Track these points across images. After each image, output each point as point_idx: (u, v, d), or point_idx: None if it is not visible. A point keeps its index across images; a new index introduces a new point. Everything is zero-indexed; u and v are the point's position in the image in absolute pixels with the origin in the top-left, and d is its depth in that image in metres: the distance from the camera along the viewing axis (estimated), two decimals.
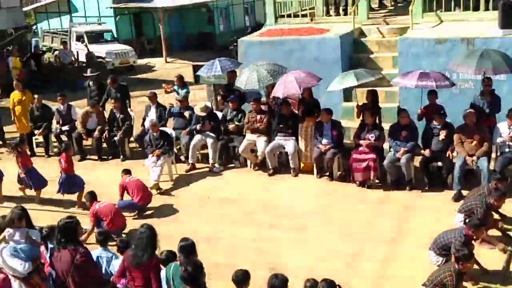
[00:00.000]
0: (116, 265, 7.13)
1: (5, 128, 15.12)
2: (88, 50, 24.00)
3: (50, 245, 6.92)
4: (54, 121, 14.04)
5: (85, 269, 6.34)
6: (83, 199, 10.03)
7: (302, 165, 11.83)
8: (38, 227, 7.14)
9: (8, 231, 6.41)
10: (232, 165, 12.50)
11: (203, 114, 12.36)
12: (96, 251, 7.35)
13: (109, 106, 14.32)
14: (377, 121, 11.44)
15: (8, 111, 14.71)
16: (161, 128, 12.28)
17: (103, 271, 7.19)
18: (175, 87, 14.35)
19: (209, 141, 12.31)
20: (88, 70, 16.03)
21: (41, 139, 13.98)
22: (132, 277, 6.34)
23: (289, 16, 15.68)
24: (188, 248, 6.21)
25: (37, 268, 6.59)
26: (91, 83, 15.14)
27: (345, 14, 15.42)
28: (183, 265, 5.66)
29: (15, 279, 6.36)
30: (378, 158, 10.73)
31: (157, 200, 10.80)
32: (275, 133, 11.94)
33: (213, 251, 8.57)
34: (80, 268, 6.28)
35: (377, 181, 10.93)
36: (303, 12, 16.02)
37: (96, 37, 26.28)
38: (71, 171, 10.89)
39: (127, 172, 10.52)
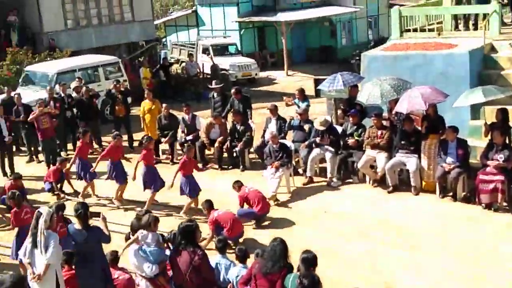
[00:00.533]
0: (234, 272, 7.31)
1: (135, 136, 15.99)
2: (213, 62, 24.86)
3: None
4: (179, 130, 14.65)
5: (202, 271, 6.56)
6: (200, 206, 10.24)
7: (423, 183, 11.49)
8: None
9: (142, 232, 6.76)
10: (350, 180, 12.39)
11: (323, 128, 12.38)
12: (215, 258, 7.57)
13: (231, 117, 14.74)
14: (507, 141, 10.86)
15: (138, 119, 15.57)
16: (281, 141, 12.45)
17: (221, 278, 7.39)
18: (296, 100, 14.51)
19: (328, 155, 12.30)
20: (213, 82, 16.61)
21: (166, 146, 14.64)
22: (257, 285, 6.45)
23: (415, 30, 15.36)
24: (310, 260, 6.22)
25: (163, 270, 6.93)
26: (215, 94, 15.68)
27: (475, 29, 14.85)
28: (300, 277, 5.70)
29: (142, 278, 6.71)
30: (507, 180, 10.18)
31: (274, 211, 10.94)
32: (396, 150, 11.70)
33: (327, 266, 8.52)
34: (197, 269, 6.51)
35: (505, 204, 10.36)
36: (430, 27, 15.61)
37: (221, 50, 27.16)
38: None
39: (239, 184, 10.73)
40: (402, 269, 8.62)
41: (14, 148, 14.54)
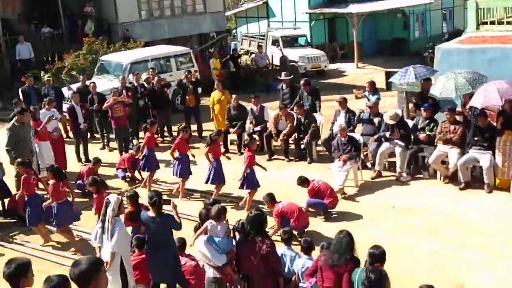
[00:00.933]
0: (299, 264, 7.33)
1: (204, 126, 16.19)
2: (282, 54, 24.83)
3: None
4: (248, 121, 14.74)
5: (270, 260, 6.58)
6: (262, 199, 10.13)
7: (497, 181, 11.11)
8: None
9: (211, 222, 6.85)
10: (421, 175, 12.13)
11: (393, 122, 12.16)
12: (280, 249, 7.59)
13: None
14: None
15: (208, 109, 15.76)
16: (349, 134, 12.33)
17: (286, 269, 7.42)
18: (366, 93, 14.31)
19: (398, 150, 12.08)
20: (283, 74, 16.60)
21: (235, 137, 14.77)
22: (322, 277, 6.44)
23: (492, 23, 14.81)
24: (378, 256, 6.13)
25: (230, 260, 7.01)
26: (284, 86, 15.66)
27: None
28: (367, 272, 5.63)
29: (209, 267, 6.81)
30: None
31: (341, 205, 10.85)
32: (469, 146, 11.35)
33: (394, 263, 8.37)
34: (265, 259, 6.54)
35: None
36: (509, 19, 15.01)
37: (291, 42, 27.08)
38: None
39: (306, 180, 10.58)
40: (473, 268, 8.39)
41: (88, 135, 15.00)
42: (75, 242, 9.78)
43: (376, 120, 12.93)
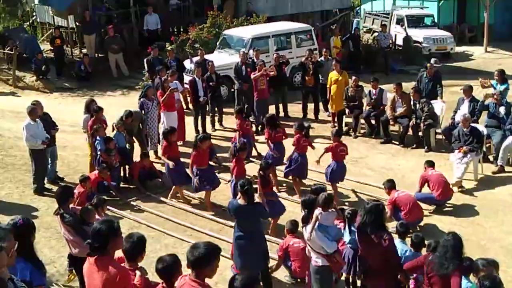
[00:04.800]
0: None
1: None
2: (406, 33, 23.97)
3: (352, 228, 7.20)
4: (364, 103, 14.42)
5: (389, 254, 6.38)
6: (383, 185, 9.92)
7: None
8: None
9: (320, 211, 6.78)
10: None
11: None
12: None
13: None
14: None
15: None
16: (472, 124, 11.70)
17: None
18: (494, 82, 13.45)
19: None
20: (432, 60, 15.38)
21: (350, 119, 14.53)
22: (430, 283, 6.20)
23: None
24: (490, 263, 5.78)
25: (338, 249, 6.93)
26: (426, 74, 14.60)
27: None
28: (480, 278, 5.33)
29: (317, 255, 6.75)
30: None
31: (457, 199, 10.41)
32: None
33: (510, 265, 7.94)
34: (384, 252, 6.34)
35: None
36: None
37: (416, 21, 26.01)
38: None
39: (430, 164, 10.29)
40: None
41: (207, 108, 15.25)
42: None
43: (501, 109, 12.17)
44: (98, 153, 10.99)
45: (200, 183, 10.10)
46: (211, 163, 11.22)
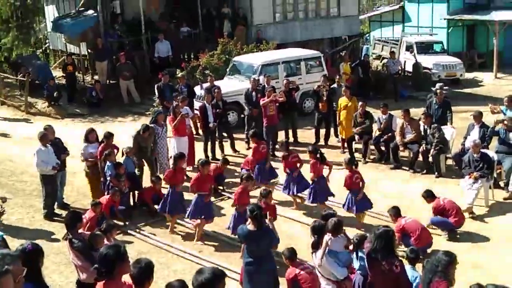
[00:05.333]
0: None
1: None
2: (416, 60, 24.04)
3: (360, 254, 7.13)
4: (375, 129, 14.40)
5: (400, 281, 6.28)
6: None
7: None
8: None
9: (330, 237, 6.74)
10: None
11: None
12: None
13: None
14: None
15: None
16: (482, 150, 11.64)
17: None
18: (503, 108, 13.40)
19: None
20: (437, 85, 15.47)
21: (360, 146, 14.50)
22: None
23: None
24: None
25: (348, 276, 6.87)
26: (436, 100, 14.57)
27: None
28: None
29: (328, 282, 6.68)
30: None
31: (468, 225, 10.31)
32: None
33: None
34: (396, 279, 6.25)
35: None
36: None
37: (426, 48, 26.11)
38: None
39: (429, 194, 10.19)
40: None
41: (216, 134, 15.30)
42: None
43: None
44: (108, 178, 11.03)
45: (195, 210, 10.04)
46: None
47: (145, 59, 21.83)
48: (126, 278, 5.28)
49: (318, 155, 10.86)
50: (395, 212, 9.43)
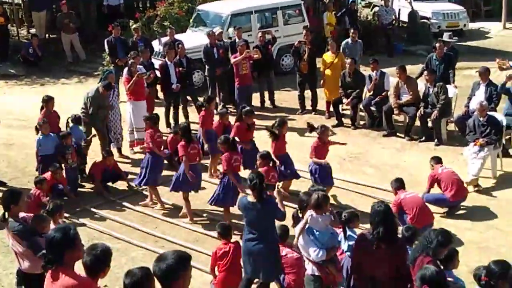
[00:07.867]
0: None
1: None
2: (412, 8, 24.07)
3: (348, 232, 7.27)
4: (365, 90, 14.48)
5: (399, 264, 6.42)
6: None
7: None
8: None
9: (311, 214, 6.84)
10: None
11: None
12: None
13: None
14: None
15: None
16: (489, 113, 11.83)
17: None
18: None
19: None
20: (445, 35, 15.43)
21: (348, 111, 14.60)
22: None
23: None
24: (499, 276, 5.65)
25: (334, 257, 6.98)
26: (435, 55, 14.66)
27: None
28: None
29: (308, 262, 6.83)
30: None
31: (472, 199, 10.54)
32: None
33: None
34: (394, 262, 6.38)
35: None
36: None
37: None
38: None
39: (438, 160, 10.40)
40: None
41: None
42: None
43: None
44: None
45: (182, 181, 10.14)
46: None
47: (92, 8, 21.51)
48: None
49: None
50: (398, 185, 9.53)
